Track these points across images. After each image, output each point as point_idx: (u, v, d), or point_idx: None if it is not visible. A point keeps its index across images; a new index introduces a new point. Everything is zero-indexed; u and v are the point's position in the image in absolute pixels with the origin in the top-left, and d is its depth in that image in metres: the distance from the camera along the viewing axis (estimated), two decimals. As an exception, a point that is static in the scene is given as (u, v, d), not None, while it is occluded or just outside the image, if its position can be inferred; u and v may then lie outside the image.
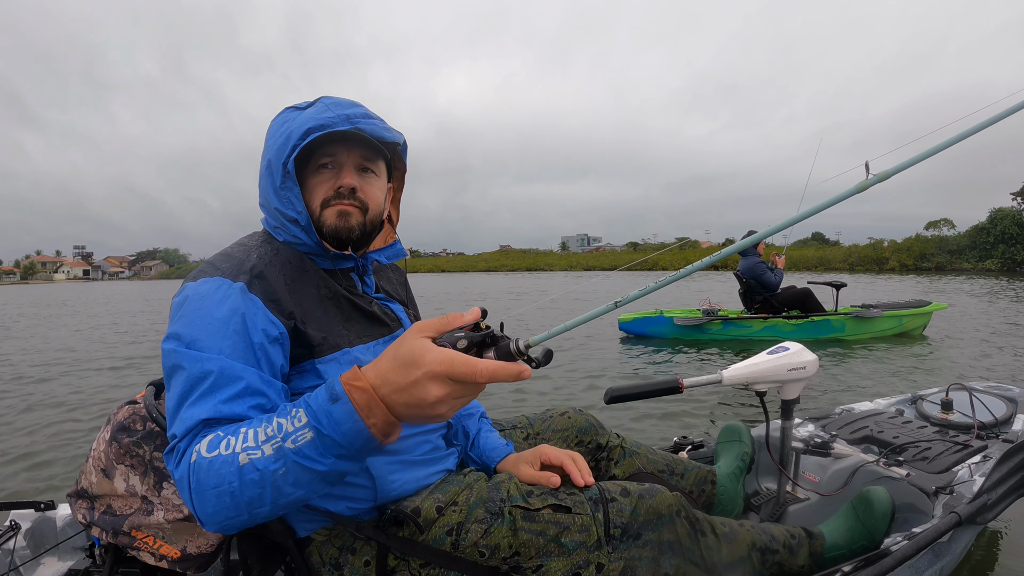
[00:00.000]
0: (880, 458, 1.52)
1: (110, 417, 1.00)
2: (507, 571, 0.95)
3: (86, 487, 0.99)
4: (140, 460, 0.95)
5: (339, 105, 0.95)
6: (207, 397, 0.76)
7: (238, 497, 0.68)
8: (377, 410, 0.65)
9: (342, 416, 0.66)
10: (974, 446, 1.55)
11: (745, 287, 6.76)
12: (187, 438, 0.74)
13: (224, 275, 0.86)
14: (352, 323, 0.98)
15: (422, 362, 0.63)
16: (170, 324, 0.83)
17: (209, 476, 0.68)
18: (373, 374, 0.67)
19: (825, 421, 1.85)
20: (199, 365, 0.78)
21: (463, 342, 0.66)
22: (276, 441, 0.68)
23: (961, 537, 1.37)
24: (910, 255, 38.75)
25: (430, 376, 0.63)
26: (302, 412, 0.68)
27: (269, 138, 0.96)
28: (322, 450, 0.67)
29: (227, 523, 0.70)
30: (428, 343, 0.65)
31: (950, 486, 1.35)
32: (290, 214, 0.94)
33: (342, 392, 0.66)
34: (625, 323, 7.11)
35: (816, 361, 1.38)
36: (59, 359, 6.68)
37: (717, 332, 6.60)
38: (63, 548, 1.33)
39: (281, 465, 0.67)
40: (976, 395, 1.80)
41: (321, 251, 0.99)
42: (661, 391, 1.39)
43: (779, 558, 1.17)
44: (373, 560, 0.93)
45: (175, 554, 0.97)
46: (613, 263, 49.49)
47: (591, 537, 0.96)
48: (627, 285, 16.25)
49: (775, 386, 1.38)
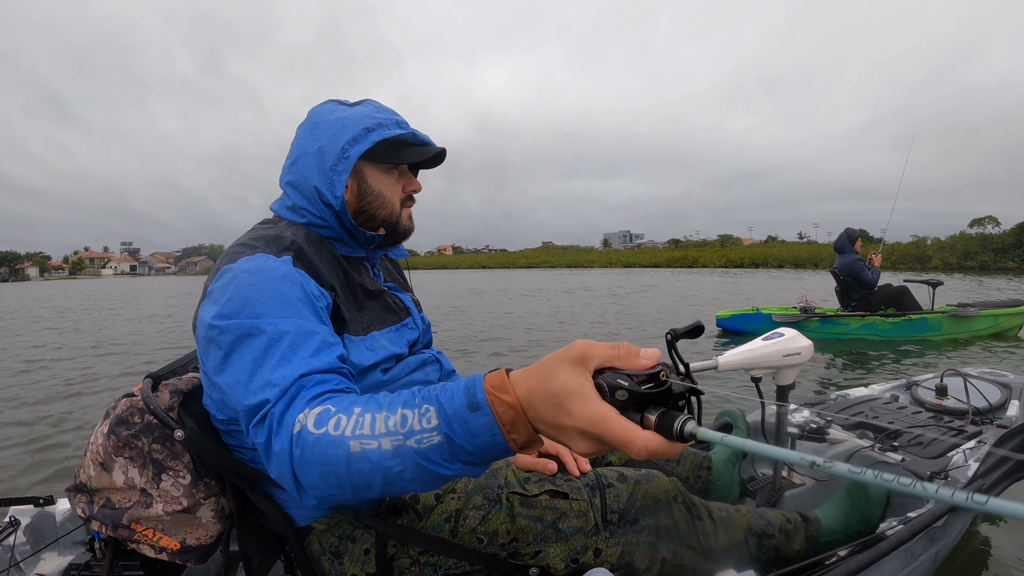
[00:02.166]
0: (875, 443, 1.53)
1: (108, 411, 1.00)
2: (505, 557, 0.95)
3: (85, 481, 0.99)
4: (139, 452, 0.95)
5: (387, 110, 1.03)
6: (290, 355, 0.73)
7: (344, 480, 0.63)
8: (522, 428, 0.57)
9: (480, 428, 0.58)
10: (969, 431, 1.56)
11: (842, 285, 6.70)
12: (282, 401, 0.69)
13: (265, 251, 0.87)
14: (366, 311, 1.01)
15: (573, 412, 0.53)
16: (215, 304, 0.79)
17: (315, 454, 0.63)
18: (523, 390, 0.57)
19: (820, 407, 1.86)
20: (272, 327, 0.75)
21: (623, 394, 0.53)
22: (398, 438, 0.60)
23: (956, 522, 1.38)
24: (953, 253, 37.75)
25: (578, 432, 0.54)
26: (433, 413, 0.60)
27: (319, 124, 0.98)
28: (449, 456, 0.60)
29: (330, 499, 0.66)
30: (588, 387, 0.54)
31: (945, 471, 1.36)
32: (327, 196, 0.96)
33: (484, 402, 0.58)
34: (723, 319, 7.18)
35: (811, 347, 1.38)
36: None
37: (814, 330, 6.55)
38: (63, 543, 1.34)
39: (398, 463, 0.61)
40: (970, 381, 1.81)
41: (345, 236, 1.02)
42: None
43: (775, 543, 1.18)
44: (372, 548, 0.93)
45: (175, 546, 0.97)
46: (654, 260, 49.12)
47: (589, 523, 0.97)
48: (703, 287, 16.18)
49: (770, 372, 1.39)
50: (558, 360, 0.56)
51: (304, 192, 0.98)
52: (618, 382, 0.53)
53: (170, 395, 0.97)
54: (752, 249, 49.05)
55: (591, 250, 77.60)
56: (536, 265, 60.15)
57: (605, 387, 0.54)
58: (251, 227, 1.01)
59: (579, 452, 0.55)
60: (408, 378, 1.02)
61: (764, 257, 41.02)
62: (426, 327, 1.16)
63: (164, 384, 0.99)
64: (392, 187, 1.04)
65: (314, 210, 0.98)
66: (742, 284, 17.94)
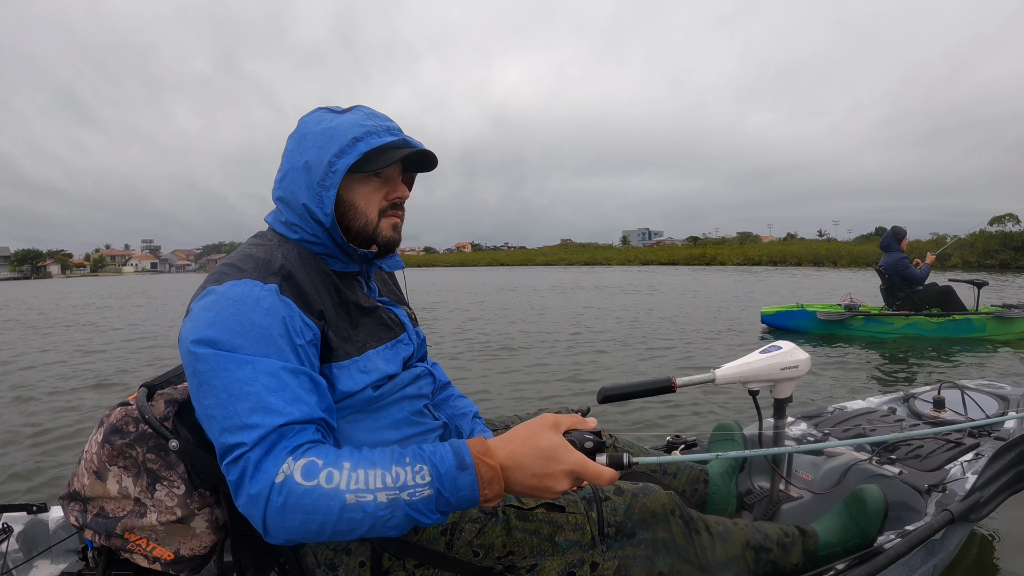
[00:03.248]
0: (873, 456, 1.53)
1: (103, 419, 0.99)
2: (501, 571, 0.95)
3: (78, 489, 0.99)
4: (133, 462, 0.95)
5: (378, 116, 0.99)
6: (268, 400, 0.74)
7: (327, 527, 0.71)
8: (496, 485, 0.74)
9: (464, 484, 0.73)
10: (966, 444, 1.56)
11: (887, 283, 6.67)
12: (260, 447, 0.72)
13: (252, 277, 0.84)
14: (360, 328, 0.98)
15: (562, 459, 0.74)
16: (196, 328, 0.79)
17: (303, 504, 0.70)
18: (504, 454, 0.75)
19: (818, 420, 1.86)
20: (250, 366, 0.76)
21: (589, 443, 0.78)
22: (393, 492, 0.72)
23: (954, 535, 1.38)
24: (973, 251, 36.96)
25: (567, 473, 0.74)
26: (427, 471, 0.73)
27: (306, 136, 0.95)
28: (435, 507, 0.73)
29: (296, 540, 0.73)
30: (566, 443, 0.75)
31: (943, 484, 1.35)
32: (317, 213, 0.94)
33: (471, 463, 0.73)
34: (768, 316, 7.15)
35: (808, 360, 1.38)
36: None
37: (858, 328, 6.56)
38: (56, 551, 1.32)
39: (389, 513, 0.72)
40: (968, 393, 1.81)
41: (338, 253, 0.99)
42: (654, 390, 1.39)
43: (773, 556, 1.17)
44: (368, 560, 0.93)
45: (168, 556, 0.96)
46: (672, 258, 48.77)
47: (585, 536, 0.96)
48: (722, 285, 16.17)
49: (768, 385, 1.39)
50: (538, 428, 0.77)
51: (294, 208, 0.96)
52: (584, 435, 0.78)
53: (165, 405, 0.96)
54: (770, 247, 48.69)
55: (609, 247, 77.04)
56: (554, 262, 59.82)
57: (576, 442, 0.77)
58: (248, 239, 1.00)
59: (558, 490, 0.75)
60: (400, 393, 1.00)
61: (782, 255, 40.62)
62: (420, 341, 1.15)
63: (159, 393, 0.98)
64: (368, 197, 0.98)
65: (305, 227, 0.96)
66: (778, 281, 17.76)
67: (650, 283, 19.37)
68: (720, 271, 30.59)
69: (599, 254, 61.03)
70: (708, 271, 30.39)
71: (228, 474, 0.74)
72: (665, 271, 32.05)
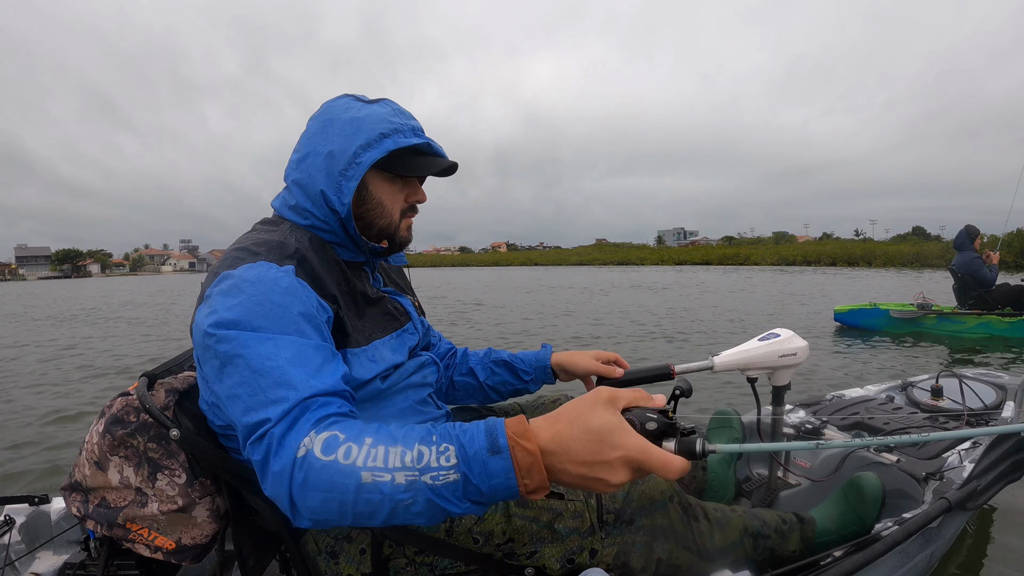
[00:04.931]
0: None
1: (104, 410, 0.99)
2: (501, 557, 0.95)
3: (80, 480, 0.99)
4: (134, 451, 0.95)
5: (404, 114, 0.98)
6: (292, 374, 0.72)
7: (347, 508, 0.64)
8: (536, 474, 0.61)
9: (497, 471, 0.61)
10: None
11: (960, 283, 6.66)
12: (284, 422, 0.68)
13: (267, 259, 0.84)
14: (366, 318, 0.99)
15: (621, 444, 0.60)
16: (216, 311, 0.77)
17: (321, 480, 0.64)
18: (547, 436, 0.62)
19: (816, 407, 1.87)
20: (272, 343, 0.74)
21: (653, 424, 0.64)
22: (413, 473, 0.62)
23: (951, 523, 1.39)
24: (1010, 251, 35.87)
25: (624, 461, 0.60)
26: (452, 452, 0.63)
27: (332, 123, 0.94)
28: (462, 494, 0.63)
29: (325, 523, 0.66)
30: (625, 423, 0.62)
31: (940, 472, 1.36)
32: (333, 201, 0.93)
33: (505, 446, 0.61)
34: (841, 314, 7.19)
35: (807, 348, 1.38)
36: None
37: (931, 327, 6.58)
38: (58, 542, 1.33)
39: (410, 497, 0.62)
40: (966, 382, 1.82)
41: (347, 242, 0.99)
42: (653, 377, 1.40)
43: (771, 543, 1.18)
44: (368, 548, 0.93)
45: (170, 545, 0.97)
46: (705, 257, 48.22)
47: (584, 523, 0.97)
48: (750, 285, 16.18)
49: (766, 372, 1.39)
50: (590, 403, 0.63)
51: (309, 193, 0.95)
52: (647, 416, 0.64)
53: (166, 394, 0.96)
54: (805, 247, 48.09)
55: (643, 247, 76.27)
56: (588, 262, 59.28)
57: (636, 422, 0.63)
58: (253, 226, 1.00)
59: (614, 483, 0.61)
60: (406, 382, 1.01)
61: (816, 255, 40.04)
62: (426, 330, 1.16)
63: (160, 383, 0.98)
64: (394, 196, 1.00)
65: (318, 213, 0.95)
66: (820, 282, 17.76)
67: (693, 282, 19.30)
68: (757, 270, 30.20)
69: (632, 254, 60.33)
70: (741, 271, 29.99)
71: (253, 455, 0.69)
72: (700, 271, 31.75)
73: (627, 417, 0.63)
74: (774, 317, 8.60)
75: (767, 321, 8.21)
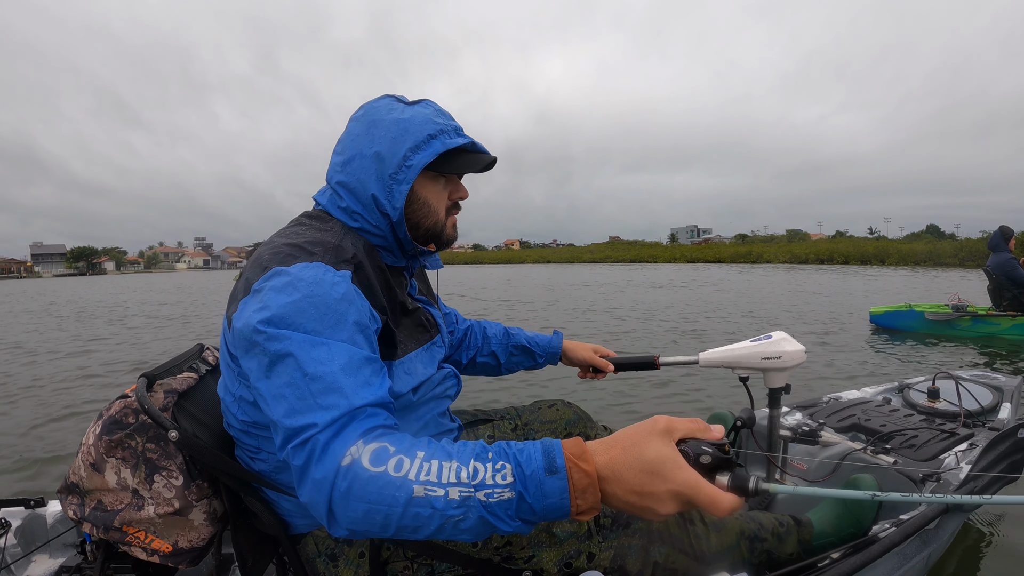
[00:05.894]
0: (867, 446, 1.53)
1: (101, 412, 0.99)
2: (499, 561, 0.95)
3: (76, 482, 0.99)
4: (132, 452, 0.95)
5: (446, 115, 0.99)
6: (342, 382, 0.71)
7: (392, 520, 0.63)
8: (591, 496, 0.62)
9: (553, 491, 0.61)
10: (961, 434, 1.57)
11: (995, 284, 6.62)
12: (330, 429, 0.67)
13: (323, 261, 0.82)
14: (402, 328, 0.98)
15: (671, 478, 0.60)
16: (268, 308, 0.75)
17: (368, 491, 0.63)
18: (602, 461, 0.63)
19: (812, 409, 1.87)
20: (325, 348, 0.73)
21: (707, 458, 0.63)
22: (468, 489, 0.62)
23: (948, 524, 1.39)
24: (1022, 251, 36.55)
25: (673, 494, 0.61)
26: (509, 470, 0.63)
27: (376, 124, 0.93)
28: (515, 513, 0.63)
29: (364, 534, 0.65)
30: (678, 455, 0.62)
31: (937, 473, 1.36)
32: (385, 206, 0.93)
33: (563, 466, 0.62)
34: (876, 316, 7.17)
35: (799, 352, 1.35)
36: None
37: (966, 328, 6.52)
38: (54, 545, 1.33)
39: (462, 513, 0.62)
40: (962, 384, 1.82)
41: (394, 247, 0.99)
42: (637, 365, 1.43)
43: (767, 546, 1.18)
44: (367, 551, 0.93)
45: (167, 548, 0.97)
46: (718, 256, 47.71)
47: (582, 527, 0.97)
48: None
49: (755, 373, 1.39)
50: (646, 433, 0.63)
51: (360, 198, 0.94)
52: (703, 449, 0.63)
53: (165, 395, 0.96)
54: (817, 245, 47.51)
55: (656, 245, 75.59)
56: (600, 260, 58.76)
57: (690, 454, 0.63)
58: (296, 218, 0.98)
59: (661, 513, 0.62)
60: (432, 393, 1.01)
61: (829, 253, 39.40)
62: (450, 342, 1.16)
63: (159, 383, 0.98)
64: (439, 195, 0.99)
65: (369, 217, 0.94)
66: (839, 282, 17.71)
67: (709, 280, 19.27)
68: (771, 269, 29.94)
69: (645, 252, 59.60)
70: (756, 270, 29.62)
71: (293, 459, 0.68)
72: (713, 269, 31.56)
73: (682, 448, 0.63)
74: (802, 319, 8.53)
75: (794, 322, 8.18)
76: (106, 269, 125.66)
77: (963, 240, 40.12)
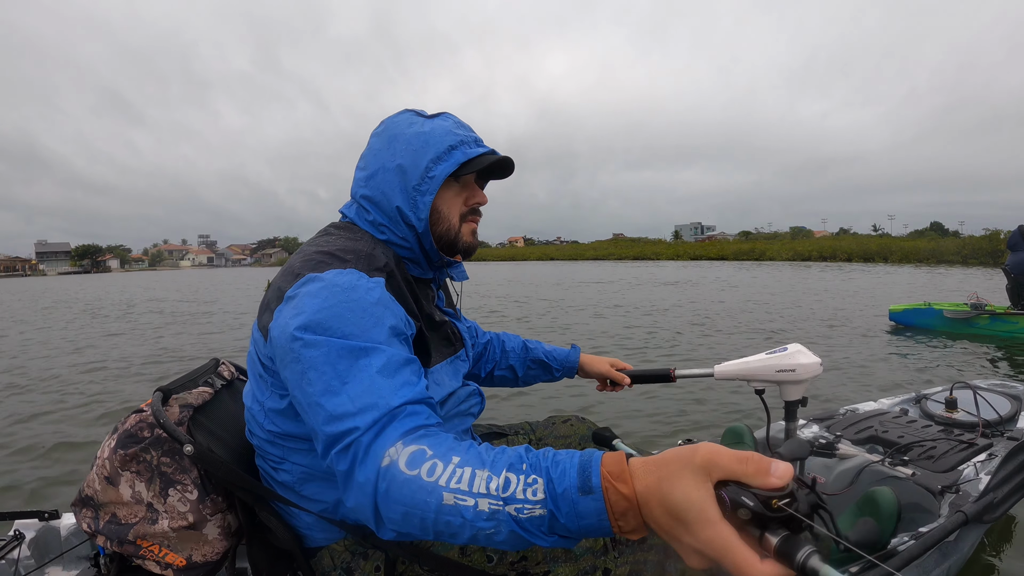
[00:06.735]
0: (885, 458, 1.52)
1: (117, 426, 1.00)
2: (514, 576, 0.94)
3: (90, 495, 0.99)
4: (147, 466, 0.95)
5: (465, 126, 1.00)
6: (382, 383, 0.71)
7: (428, 525, 0.61)
8: (632, 518, 0.55)
9: (588, 511, 0.56)
10: (979, 444, 1.55)
11: (1014, 283, 6.66)
12: (372, 430, 0.67)
13: (357, 267, 0.83)
14: (430, 342, 0.98)
15: (695, 532, 0.50)
16: (304, 314, 0.75)
17: (403, 494, 0.62)
18: (641, 485, 0.54)
19: (829, 422, 1.85)
20: (364, 352, 0.73)
21: (746, 513, 0.49)
22: (497, 502, 0.58)
23: (968, 536, 1.37)
24: None
25: (695, 551, 0.52)
26: (540, 486, 0.58)
27: (397, 138, 0.95)
28: (547, 530, 0.58)
29: (410, 536, 0.65)
30: (710, 504, 0.50)
31: (956, 485, 1.34)
32: (410, 217, 0.93)
33: (598, 486, 0.56)
34: (896, 314, 7.22)
35: (814, 365, 1.32)
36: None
37: (985, 327, 6.56)
38: (67, 558, 1.33)
39: (493, 527, 0.59)
40: (980, 393, 1.80)
41: (420, 258, 0.99)
42: (653, 378, 1.43)
43: None
44: (383, 565, 0.93)
45: (181, 562, 0.96)
46: (721, 253, 47.56)
47: (598, 542, 0.96)
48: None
49: (771, 385, 1.37)
50: (680, 465, 0.53)
51: (385, 210, 0.95)
52: (743, 500, 0.49)
53: (180, 409, 0.96)
54: (820, 242, 47.21)
55: (659, 242, 75.06)
56: (603, 257, 58.60)
57: (727, 501, 0.50)
58: (325, 229, 0.99)
59: (689, 564, 0.53)
60: (456, 410, 1.01)
61: (832, 250, 39.17)
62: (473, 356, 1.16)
63: (174, 398, 0.99)
64: (451, 201, 0.99)
65: (396, 230, 0.95)
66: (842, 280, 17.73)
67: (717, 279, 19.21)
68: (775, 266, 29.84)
69: (649, 249, 59.31)
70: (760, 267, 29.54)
71: (338, 464, 0.68)
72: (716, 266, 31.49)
73: (720, 493, 0.51)
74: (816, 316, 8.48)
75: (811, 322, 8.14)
76: (111, 267, 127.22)
77: (966, 238, 39.60)
